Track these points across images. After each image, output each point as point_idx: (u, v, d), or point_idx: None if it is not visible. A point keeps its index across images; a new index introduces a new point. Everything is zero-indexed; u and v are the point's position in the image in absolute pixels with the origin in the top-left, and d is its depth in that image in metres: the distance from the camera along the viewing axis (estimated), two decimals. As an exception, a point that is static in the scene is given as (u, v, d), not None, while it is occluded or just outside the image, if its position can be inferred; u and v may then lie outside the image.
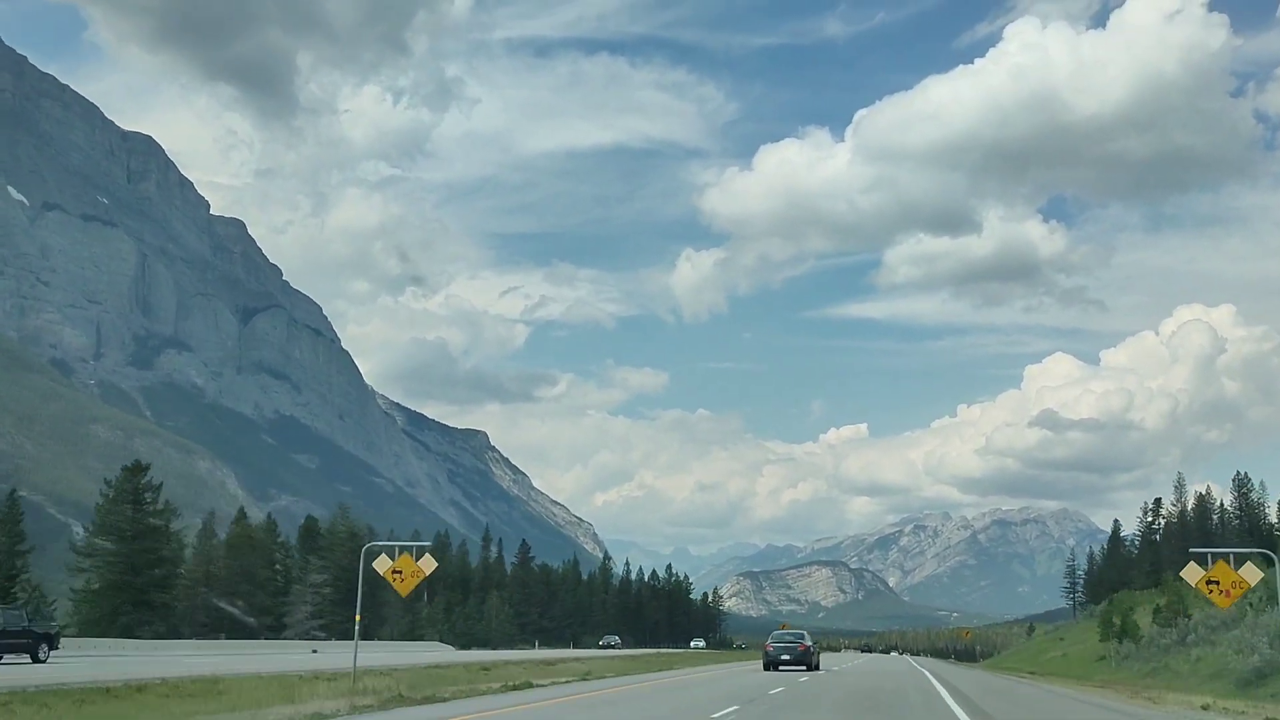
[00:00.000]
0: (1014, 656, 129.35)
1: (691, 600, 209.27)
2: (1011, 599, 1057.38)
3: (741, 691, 33.99)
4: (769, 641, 55.84)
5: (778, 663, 51.54)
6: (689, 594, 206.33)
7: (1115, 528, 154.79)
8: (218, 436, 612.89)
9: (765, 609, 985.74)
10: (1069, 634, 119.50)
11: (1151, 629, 71.58)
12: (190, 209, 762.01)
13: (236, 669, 37.89)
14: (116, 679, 29.71)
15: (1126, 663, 64.28)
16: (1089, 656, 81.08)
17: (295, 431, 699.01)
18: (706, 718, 24.88)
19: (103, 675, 31.36)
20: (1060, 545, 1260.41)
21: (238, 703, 24.93)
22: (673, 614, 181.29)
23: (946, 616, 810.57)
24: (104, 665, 40.52)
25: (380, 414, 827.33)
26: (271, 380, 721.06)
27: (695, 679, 43.98)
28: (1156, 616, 78.51)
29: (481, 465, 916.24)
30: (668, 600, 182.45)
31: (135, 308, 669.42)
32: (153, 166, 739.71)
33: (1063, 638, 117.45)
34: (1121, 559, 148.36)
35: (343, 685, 30.04)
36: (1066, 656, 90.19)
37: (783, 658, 51.76)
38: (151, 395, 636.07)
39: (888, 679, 46.91)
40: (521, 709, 26.24)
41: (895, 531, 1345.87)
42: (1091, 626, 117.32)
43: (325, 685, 29.86)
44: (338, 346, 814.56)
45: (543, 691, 32.97)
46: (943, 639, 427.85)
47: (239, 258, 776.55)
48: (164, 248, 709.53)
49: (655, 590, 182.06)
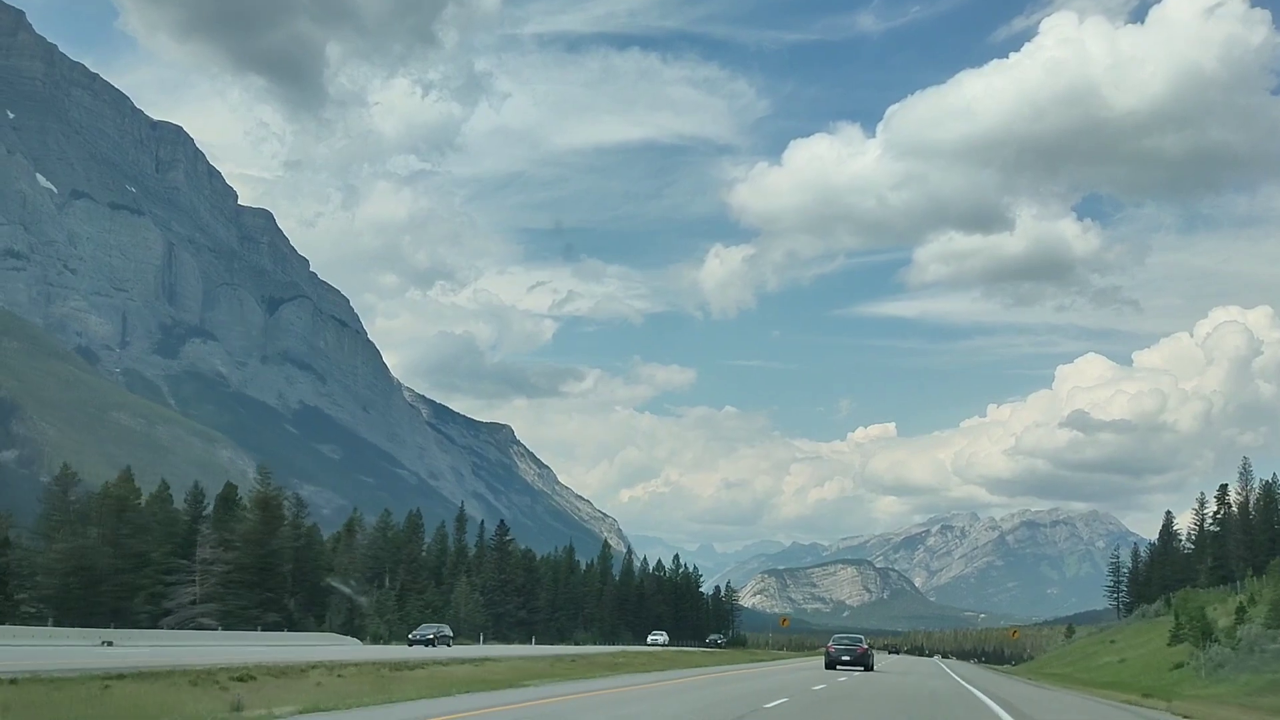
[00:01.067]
0: (1055, 660, 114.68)
1: (702, 594, 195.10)
2: (1040, 601, 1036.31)
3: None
4: (831, 643, 60.69)
5: (839, 662, 56.51)
6: (698, 587, 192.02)
7: (1167, 520, 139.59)
8: (241, 425, 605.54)
9: (790, 607, 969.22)
10: (1120, 636, 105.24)
11: (1248, 631, 57.50)
12: (218, 199, 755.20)
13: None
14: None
15: (1222, 672, 50.70)
16: (1158, 664, 67.30)
17: (318, 422, 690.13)
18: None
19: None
20: (1090, 548, 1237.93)
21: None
22: (679, 608, 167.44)
23: (973, 618, 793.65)
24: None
25: (405, 406, 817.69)
26: (296, 371, 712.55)
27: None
28: (1243, 616, 64.75)
29: (506, 459, 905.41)
30: (673, 594, 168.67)
31: (161, 296, 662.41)
32: (181, 156, 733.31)
33: (1113, 640, 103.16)
34: (1176, 555, 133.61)
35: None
36: (1126, 663, 76.33)
37: (843, 658, 56.70)
38: (176, 384, 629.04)
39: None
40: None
41: (922, 531, 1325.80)
42: (1146, 628, 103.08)
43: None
44: (363, 338, 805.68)
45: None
46: (969, 640, 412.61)
47: (266, 248, 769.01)
48: (191, 237, 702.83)
49: (660, 582, 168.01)
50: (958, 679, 52.93)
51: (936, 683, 46.04)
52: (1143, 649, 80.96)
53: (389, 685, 28.43)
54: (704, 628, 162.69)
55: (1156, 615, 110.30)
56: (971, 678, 58.35)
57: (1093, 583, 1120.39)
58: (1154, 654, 74.79)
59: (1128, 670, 71.16)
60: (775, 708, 26.24)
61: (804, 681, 40.00)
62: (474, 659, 46.41)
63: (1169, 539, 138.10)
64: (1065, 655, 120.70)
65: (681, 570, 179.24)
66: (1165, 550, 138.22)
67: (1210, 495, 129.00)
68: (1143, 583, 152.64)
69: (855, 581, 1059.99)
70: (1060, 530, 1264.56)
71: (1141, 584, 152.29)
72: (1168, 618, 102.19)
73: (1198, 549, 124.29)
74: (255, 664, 31.69)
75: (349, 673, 31.22)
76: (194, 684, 24.58)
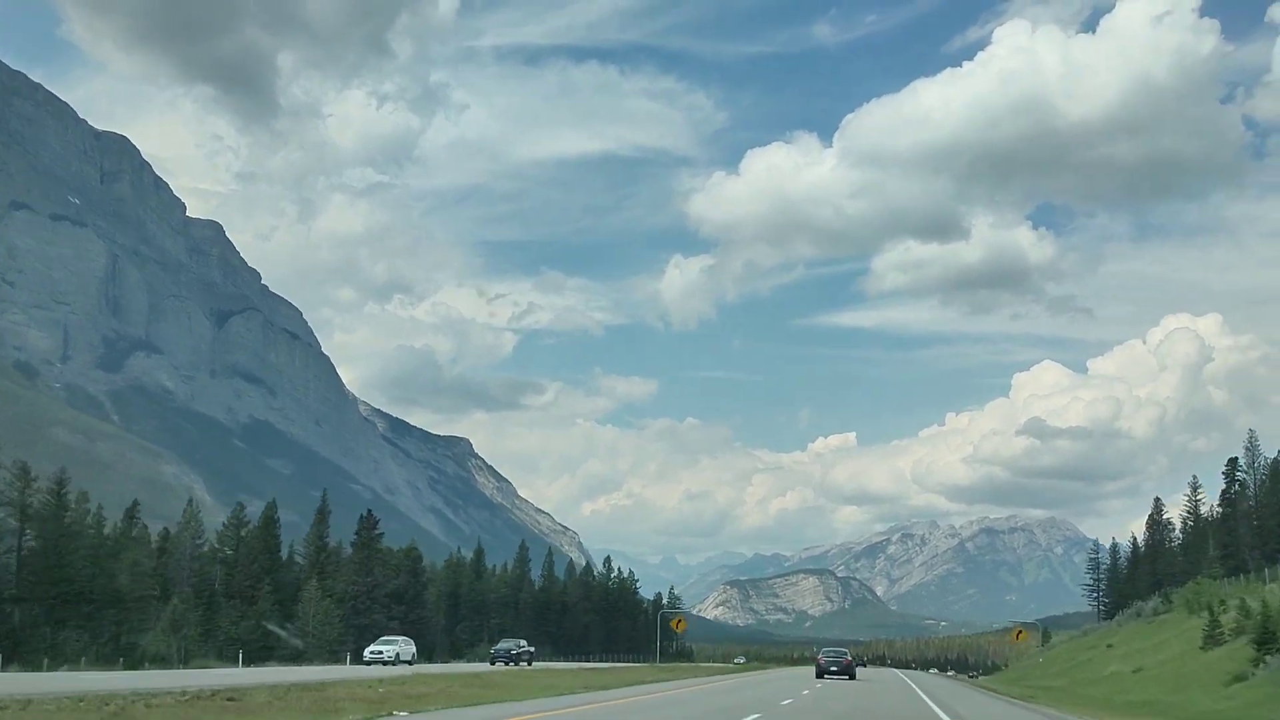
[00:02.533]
0: (1039, 670, 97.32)
1: (640, 602, 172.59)
2: (999, 607, 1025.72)
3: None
4: (820, 655, 67.13)
5: (827, 671, 63.13)
6: (635, 594, 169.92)
7: (1156, 507, 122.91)
8: (186, 441, 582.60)
9: (752, 618, 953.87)
10: (1117, 639, 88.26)
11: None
12: (165, 211, 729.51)
13: None
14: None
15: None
16: (1197, 674, 50.47)
17: (269, 436, 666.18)
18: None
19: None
20: (1048, 554, 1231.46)
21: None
22: (611, 620, 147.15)
23: (934, 625, 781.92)
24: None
25: (359, 420, 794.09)
26: (246, 384, 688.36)
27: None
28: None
29: (464, 473, 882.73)
30: (604, 603, 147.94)
31: (105, 309, 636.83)
32: (126, 167, 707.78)
33: (1110, 644, 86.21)
34: (1166, 547, 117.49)
35: None
36: (1145, 673, 59.47)
37: (831, 668, 63.24)
38: (119, 399, 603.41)
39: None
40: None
41: (883, 540, 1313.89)
42: (1147, 629, 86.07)
43: None
44: (316, 351, 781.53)
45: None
46: (932, 648, 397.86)
47: (216, 261, 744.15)
48: (136, 249, 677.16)
49: (589, 589, 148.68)
50: (934, 706, 36.38)
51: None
52: (1160, 654, 64.10)
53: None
54: (642, 642, 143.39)
55: (1155, 614, 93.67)
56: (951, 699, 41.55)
57: (1052, 588, 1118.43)
58: (1182, 660, 57.90)
59: (1155, 683, 54.06)
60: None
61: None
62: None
63: (1159, 529, 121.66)
64: (1050, 663, 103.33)
65: (615, 576, 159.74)
66: (1155, 542, 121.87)
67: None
68: (1125, 580, 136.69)
69: (817, 591, 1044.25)
70: (1018, 537, 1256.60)
71: (1124, 582, 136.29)
72: (1171, 616, 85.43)
73: (1195, 538, 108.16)
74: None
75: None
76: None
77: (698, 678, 54.30)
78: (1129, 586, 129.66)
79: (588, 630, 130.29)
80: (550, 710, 26.83)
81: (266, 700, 26.46)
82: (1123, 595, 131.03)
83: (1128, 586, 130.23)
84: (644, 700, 32.37)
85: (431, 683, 37.60)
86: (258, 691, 28.94)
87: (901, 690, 47.14)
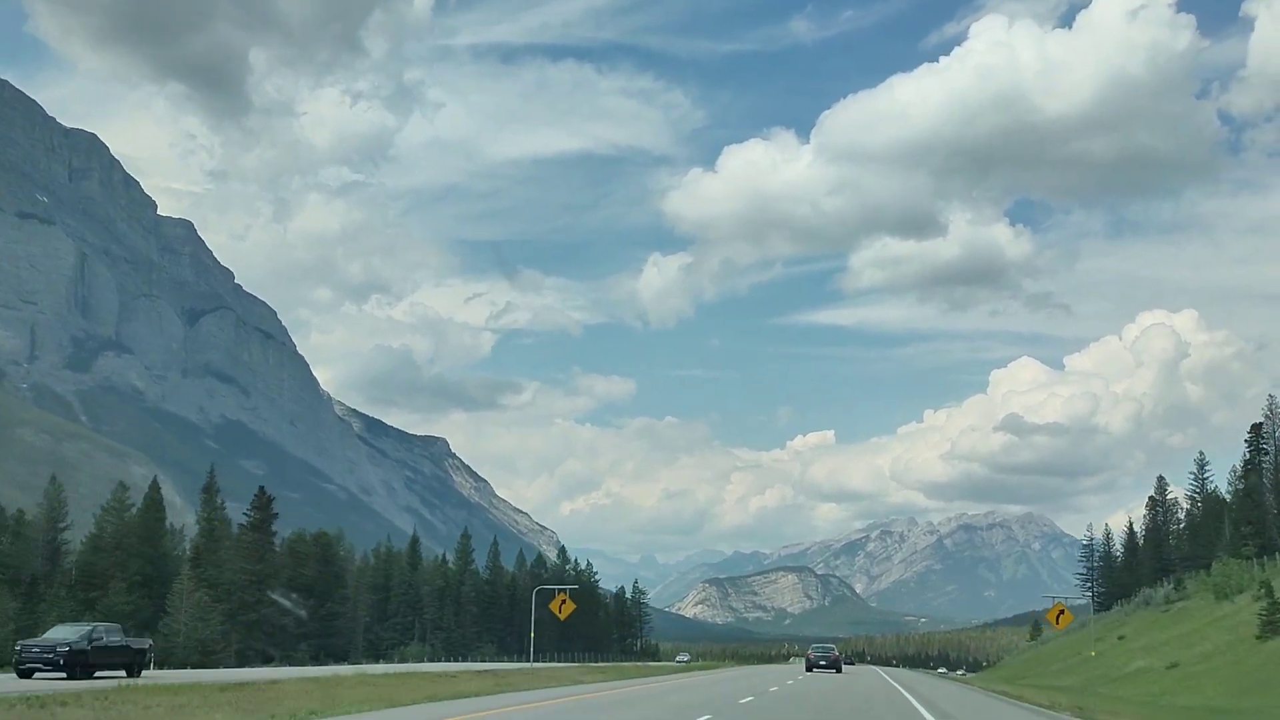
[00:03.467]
0: (1043, 668, 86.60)
1: (600, 597, 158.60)
2: (978, 603, 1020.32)
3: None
4: (810, 651, 74.28)
5: (816, 665, 68.20)
6: (594, 588, 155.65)
7: (1160, 485, 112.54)
8: (157, 441, 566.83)
9: (732, 616, 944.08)
10: (1128, 630, 77.98)
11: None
12: (135, 209, 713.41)
13: None
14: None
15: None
16: (1264, 671, 40.30)
17: (242, 437, 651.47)
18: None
19: None
20: (1026, 550, 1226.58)
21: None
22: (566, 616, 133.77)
23: (914, 622, 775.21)
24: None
25: (334, 419, 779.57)
26: (218, 384, 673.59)
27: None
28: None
29: (441, 472, 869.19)
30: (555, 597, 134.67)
31: (73, 309, 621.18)
32: (96, 165, 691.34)
33: (1121, 636, 75.91)
34: (1172, 531, 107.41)
35: None
36: (1182, 670, 49.19)
37: (820, 662, 68.20)
38: (88, 399, 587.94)
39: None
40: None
41: (862, 537, 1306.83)
42: (1164, 619, 75.62)
43: None
44: (290, 351, 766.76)
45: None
46: (912, 644, 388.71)
47: (187, 259, 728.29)
48: (106, 248, 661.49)
49: (541, 582, 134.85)
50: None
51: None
52: (1198, 647, 53.78)
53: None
54: (600, 639, 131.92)
55: (1168, 602, 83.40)
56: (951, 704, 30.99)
57: (1030, 584, 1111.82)
58: (1234, 654, 47.63)
59: (1209, 682, 43.62)
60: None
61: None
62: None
63: (1163, 511, 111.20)
64: (1048, 659, 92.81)
65: (571, 567, 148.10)
66: (1157, 525, 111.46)
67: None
68: (1122, 568, 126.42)
69: (796, 589, 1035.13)
70: (997, 533, 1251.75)
71: (1121, 570, 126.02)
72: (1192, 604, 75.15)
73: (1206, 518, 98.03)
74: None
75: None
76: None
77: (606, 680, 43.19)
78: (1128, 574, 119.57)
79: (540, 627, 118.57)
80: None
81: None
82: (1121, 584, 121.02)
83: (1126, 574, 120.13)
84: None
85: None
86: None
87: (885, 698, 36.48)
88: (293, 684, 32.90)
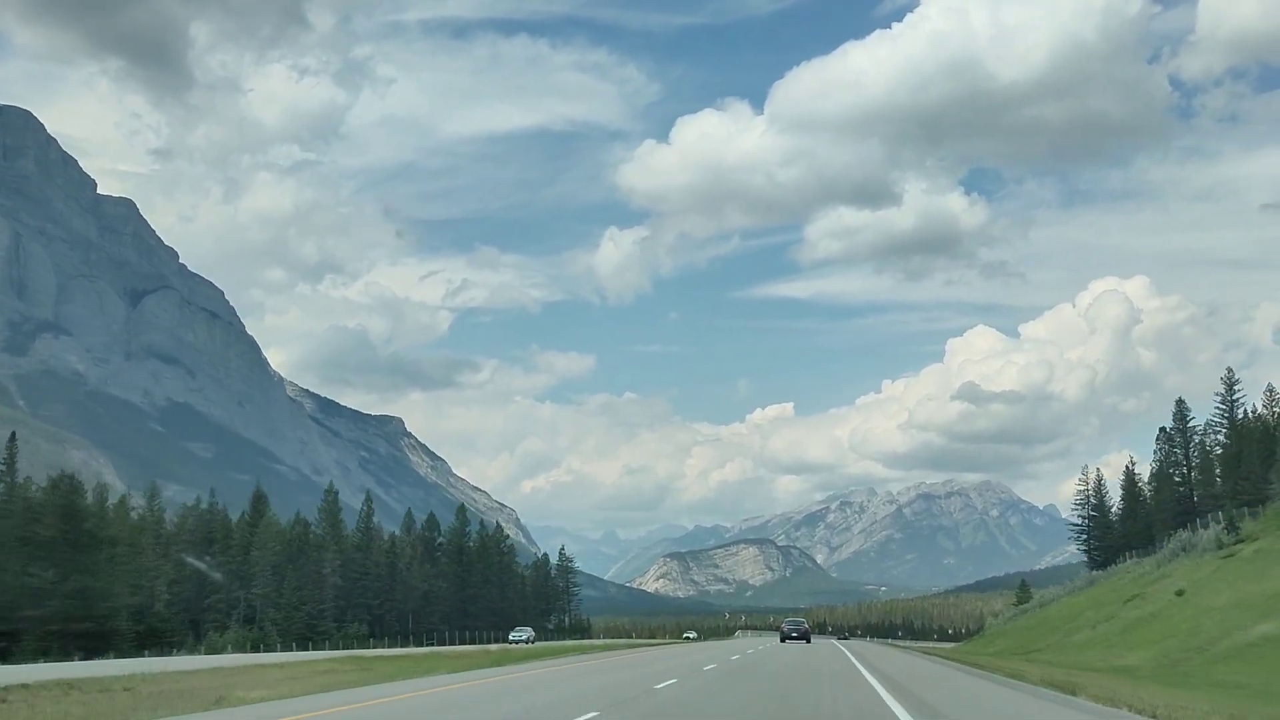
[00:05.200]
0: (1061, 639, 69.63)
1: (513, 567, 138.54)
2: (938, 571, 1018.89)
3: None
4: (783, 624, 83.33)
5: (789, 637, 75.54)
6: (504, 557, 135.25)
7: (1180, 412, 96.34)
8: (98, 425, 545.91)
9: (694, 589, 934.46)
10: (1186, 581, 63.03)
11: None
12: (74, 188, 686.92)
13: None
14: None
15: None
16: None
17: (188, 419, 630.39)
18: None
19: None
20: (984, 517, 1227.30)
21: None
22: (465, 588, 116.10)
23: (875, 590, 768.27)
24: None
25: (286, 400, 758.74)
26: (162, 366, 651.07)
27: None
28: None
29: (396, 452, 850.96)
30: (459, 568, 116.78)
31: (8, 290, 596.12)
32: (31, 143, 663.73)
33: (1181, 591, 60.37)
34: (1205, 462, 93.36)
35: None
36: (1273, 644, 35.65)
37: (792, 634, 76.04)
38: (26, 383, 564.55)
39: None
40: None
41: (822, 509, 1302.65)
42: (1229, 568, 61.64)
43: None
44: (239, 330, 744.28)
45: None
46: (874, 613, 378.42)
47: (130, 239, 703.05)
48: (42, 228, 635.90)
49: (432, 549, 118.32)
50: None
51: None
52: (1247, 611, 40.83)
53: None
54: (515, 616, 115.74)
55: (1220, 547, 68.93)
56: None
57: (989, 551, 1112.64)
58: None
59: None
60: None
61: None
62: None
63: (1182, 444, 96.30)
64: (1054, 625, 77.66)
65: (476, 532, 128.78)
66: (1176, 462, 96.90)
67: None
68: (1125, 517, 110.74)
69: (758, 561, 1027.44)
70: (955, 501, 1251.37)
71: (1124, 519, 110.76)
72: (1263, 546, 61.79)
73: (1239, 446, 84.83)
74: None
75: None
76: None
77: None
78: (1132, 523, 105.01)
79: (429, 602, 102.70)
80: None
81: None
82: (1127, 535, 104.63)
83: (1131, 523, 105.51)
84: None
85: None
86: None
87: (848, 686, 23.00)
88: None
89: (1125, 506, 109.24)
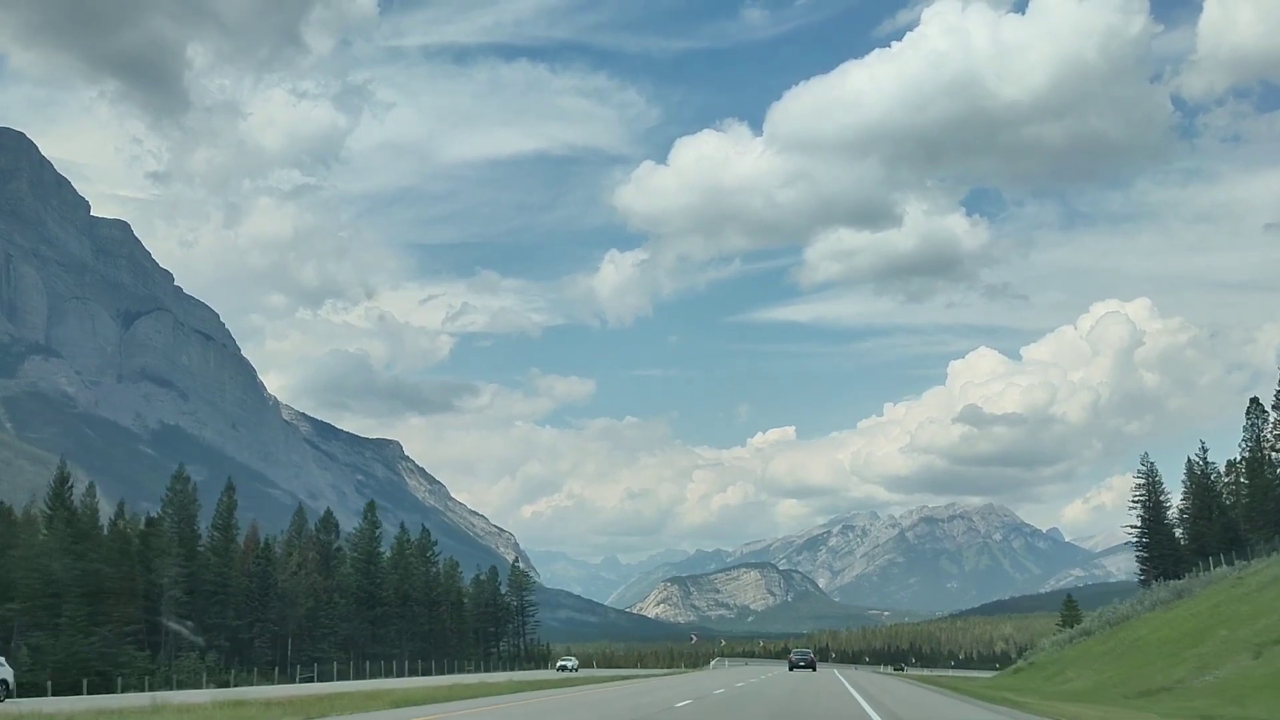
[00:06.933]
0: (1184, 676, 47.17)
1: (460, 590, 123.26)
2: (941, 595, 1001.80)
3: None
4: (791, 653, 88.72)
5: (796, 666, 79.78)
6: (447, 578, 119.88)
7: (1252, 407, 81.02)
8: (88, 448, 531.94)
9: (694, 615, 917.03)
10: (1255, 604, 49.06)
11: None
12: (68, 210, 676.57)
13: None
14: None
15: None
16: None
17: (180, 442, 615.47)
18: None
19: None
20: (987, 540, 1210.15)
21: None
22: (372, 604, 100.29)
23: (878, 615, 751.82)
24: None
25: (281, 424, 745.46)
26: (155, 388, 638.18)
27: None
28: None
29: (394, 476, 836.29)
30: (398, 591, 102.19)
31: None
32: (24, 164, 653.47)
33: (1226, 613, 46.99)
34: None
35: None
36: None
37: (800, 663, 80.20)
38: (14, 405, 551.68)
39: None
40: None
41: (824, 532, 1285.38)
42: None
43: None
44: (233, 353, 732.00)
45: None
46: (878, 638, 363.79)
47: (124, 262, 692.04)
48: (35, 250, 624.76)
49: (328, 556, 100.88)
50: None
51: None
52: None
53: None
54: (466, 644, 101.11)
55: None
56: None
57: (993, 574, 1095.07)
58: None
59: None
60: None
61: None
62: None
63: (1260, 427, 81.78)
64: (1183, 655, 53.80)
65: (395, 535, 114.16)
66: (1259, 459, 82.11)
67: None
68: (1196, 519, 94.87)
69: (759, 585, 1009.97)
70: (958, 524, 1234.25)
71: (1193, 522, 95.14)
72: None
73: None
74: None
75: None
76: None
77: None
78: (1206, 527, 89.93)
79: (315, 623, 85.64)
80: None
81: None
82: (1214, 534, 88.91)
83: (1204, 526, 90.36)
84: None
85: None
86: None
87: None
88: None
89: (1195, 505, 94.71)
